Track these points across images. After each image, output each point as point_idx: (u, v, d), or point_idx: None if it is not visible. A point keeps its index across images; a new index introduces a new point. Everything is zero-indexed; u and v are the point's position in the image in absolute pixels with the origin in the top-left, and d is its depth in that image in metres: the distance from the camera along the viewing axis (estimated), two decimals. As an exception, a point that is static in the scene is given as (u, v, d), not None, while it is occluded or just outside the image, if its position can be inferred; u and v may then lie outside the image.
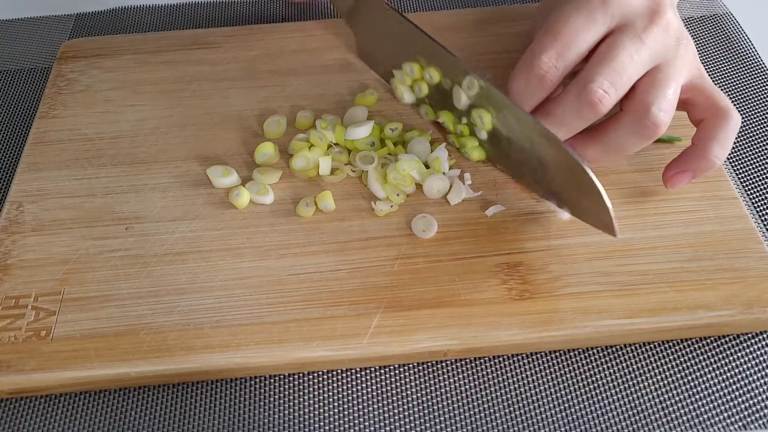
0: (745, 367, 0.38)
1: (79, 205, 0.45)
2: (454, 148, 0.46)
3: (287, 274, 0.41)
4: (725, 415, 0.37)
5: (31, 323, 0.39)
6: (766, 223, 0.45)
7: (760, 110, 0.51)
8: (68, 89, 0.52)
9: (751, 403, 0.37)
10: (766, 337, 0.40)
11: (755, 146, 0.49)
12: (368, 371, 0.39)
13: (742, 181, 0.47)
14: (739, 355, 0.39)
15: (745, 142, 0.49)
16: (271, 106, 0.50)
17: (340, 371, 0.39)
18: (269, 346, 0.38)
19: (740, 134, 0.49)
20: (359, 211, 0.44)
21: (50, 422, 0.38)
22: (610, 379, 0.38)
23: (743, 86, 0.53)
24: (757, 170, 0.47)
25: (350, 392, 0.38)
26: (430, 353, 0.38)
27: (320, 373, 0.39)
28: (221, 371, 0.38)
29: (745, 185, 0.47)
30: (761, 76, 0.53)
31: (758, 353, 0.39)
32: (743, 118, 0.50)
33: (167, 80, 0.52)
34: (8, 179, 0.49)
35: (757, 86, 0.52)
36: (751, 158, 0.48)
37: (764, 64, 0.54)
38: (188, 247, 0.42)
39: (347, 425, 0.37)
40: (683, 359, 0.39)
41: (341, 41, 0.54)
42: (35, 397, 0.39)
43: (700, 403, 0.37)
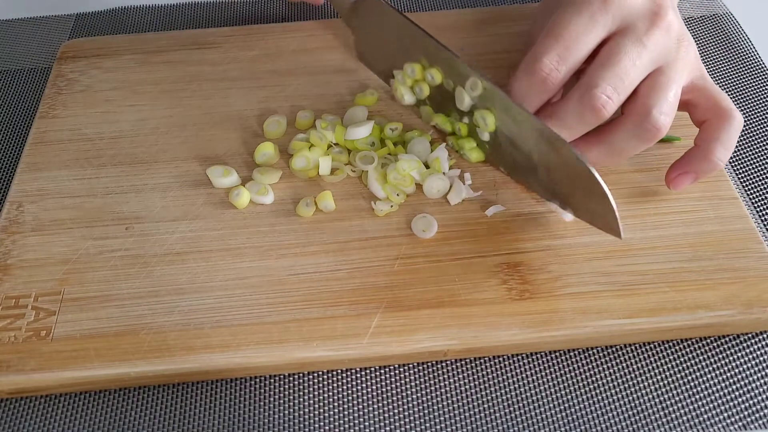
0: (745, 367, 0.38)
1: (79, 205, 0.45)
2: (453, 149, 0.46)
3: (287, 274, 0.41)
4: (725, 415, 0.37)
5: (31, 323, 0.39)
6: (766, 223, 0.45)
7: (760, 110, 0.51)
8: (68, 89, 0.52)
9: (751, 403, 0.37)
10: (766, 337, 0.40)
11: (755, 146, 0.49)
12: (368, 371, 0.39)
13: (742, 181, 0.47)
14: (739, 355, 0.39)
15: (745, 142, 0.49)
16: (271, 106, 0.50)
17: (340, 371, 0.39)
18: (269, 346, 0.38)
19: (740, 134, 0.49)
20: (359, 211, 0.44)
21: (50, 422, 0.38)
22: (610, 379, 0.38)
23: (743, 86, 0.53)
24: (757, 170, 0.47)
25: (350, 392, 0.38)
26: (430, 353, 0.38)
27: (320, 373, 0.39)
28: (221, 371, 0.38)
29: (745, 185, 0.47)
30: (761, 76, 0.53)
31: (758, 353, 0.39)
32: (743, 118, 0.50)
33: (167, 80, 0.52)
34: (8, 179, 0.49)
35: (757, 86, 0.52)
36: (751, 158, 0.48)
37: (764, 64, 0.54)
38: (188, 247, 0.42)
39: (347, 425, 0.37)
40: (683, 359, 0.39)
41: (341, 41, 0.54)
42: (35, 397, 0.39)
43: (700, 403, 0.37)
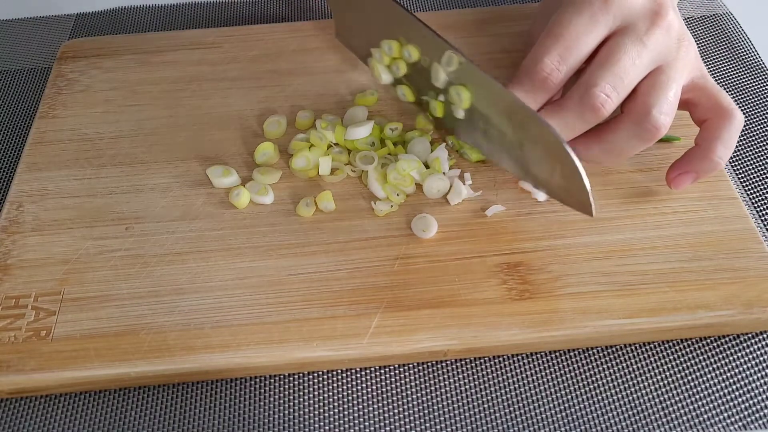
0: (745, 367, 0.38)
1: (79, 205, 0.45)
2: (453, 149, 0.46)
3: (287, 274, 0.41)
4: (725, 415, 0.37)
5: (31, 323, 0.39)
6: (766, 223, 0.45)
7: (760, 110, 0.51)
8: (68, 89, 0.52)
9: (751, 403, 0.37)
10: (766, 337, 0.40)
11: (755, 146, 0.49)
12: (368, 371, 0.39)
13: (742, 181, 0.47)
14: (739, 355, 0.39)
15: (745, 142, 0.49)
16: (271, 106, 0.50)
17: (340, 371, 0.39)
18: (269, 346, 0.38)
19: (740, 134, 0.49)
20: (359, 211, 0.44)
21: (50, 422, 0.38)
22: (610, 379, 0.38)
23: (743, 86, 0.52)
24: (757, 170, 0.47)
25: (350, 392, 0.38)
26: (430, 353, 0.38)
27: (320, 373, 0.39)
28: (221, 371, 0.38)
29: (745, 185, 0.47)
30: (761, 76, 0.53)
31: (758, 353, 0.39)
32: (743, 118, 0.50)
33: (167, 80, 0.52)
34: (8, 179, 0.49)
35: (757, 86, 0.52)
36: (751, 158, 0.48)
37: (764, 64, 0.54)
38: (188, 247, 0.42)
39: (347, 425, 0.37)
40: (683, 359, 0.39)
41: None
42: (35, 397, 0.39)
43: (700, 403, 0.37)
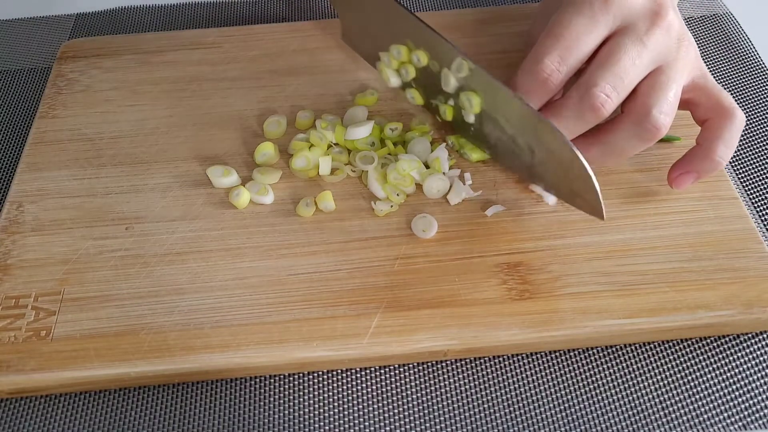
0: (745, 367, 0.38)
1: (79, 205, 0.45)
2: (453, 149, 0.46)
3: (287, 274, 0.41)
4: (725, 415, 0.37)
5: (31, 323, 0.39)
6: (766, 223, 0.45)
7: (760, 110, 0.51)
8: (68, 89, 0.52)
9: (751, 403, 0.37)
10: (766, 337, 0.40)
11: (755, 146, 0.49)
12: (368, 371, 0.39)
13: (742, 181, 0.47)
14: (739, 355, 0.39)
15: (745, 142, 0.49)
16: (271, 106, 0.50)
17: (340, 371, 0.39)
18: (269, 346, 0.38)
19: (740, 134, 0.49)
20: (359, 211, 0.44)
21: (50, 422, 0.38)
22: (610, 379, 0.38)
23: (743, 86, 0.52)
24: (757, 170, 0.47)
25: (350, 392, 0.38)
26: (430, 353, 0.38)
27: (320, 373, 0.39)
28: (221, 371, 0.38)
29: (745, 185, 0.47)
30: (761, 76, 0.53)
31: (758, 353, 0.39)
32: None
33: (167, 80, 0.52)
34: (8, 179, 0.49)
35: (757, 86, 0.52)
36: (751, 158, 0.48)
37: (764, 64, 0.54)
38: (188, 247, 0.42)
39: (347, 425, 0.37)
40: (683, 359, 0.39)
41: (341, 41, 0.54)
42: (35, 397, 0.39)
43: (700, 403, 0.37)
